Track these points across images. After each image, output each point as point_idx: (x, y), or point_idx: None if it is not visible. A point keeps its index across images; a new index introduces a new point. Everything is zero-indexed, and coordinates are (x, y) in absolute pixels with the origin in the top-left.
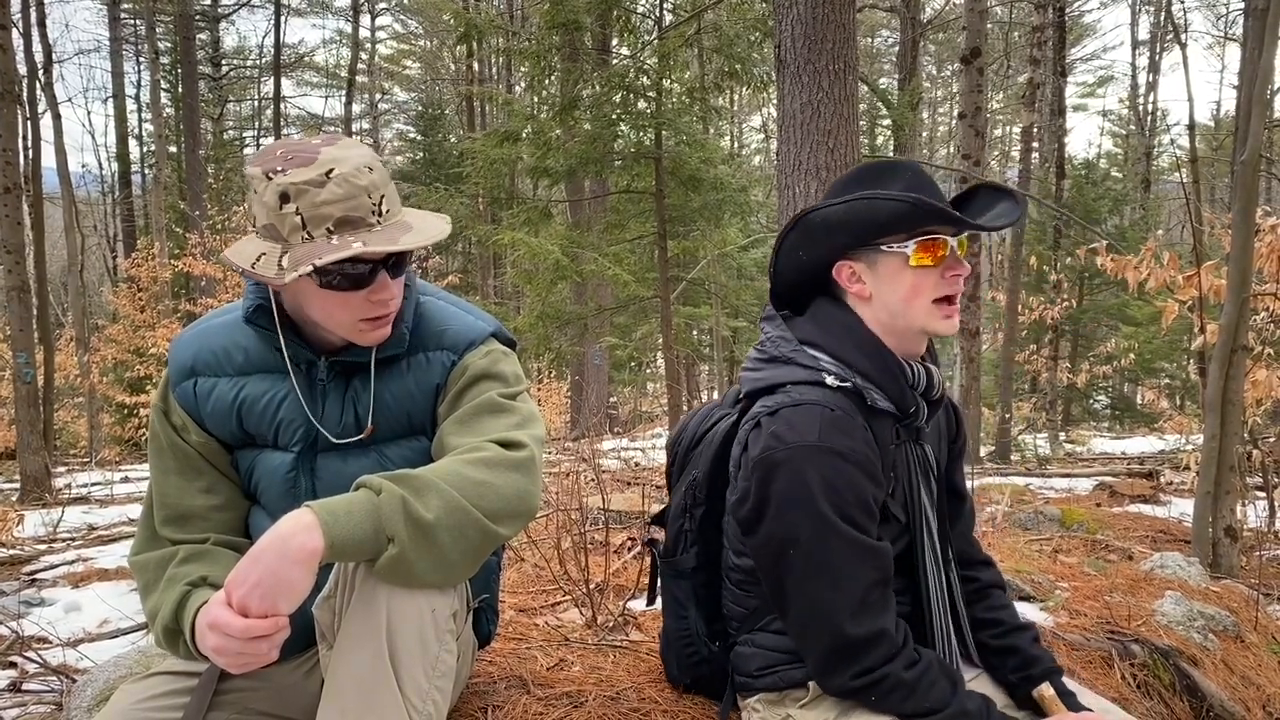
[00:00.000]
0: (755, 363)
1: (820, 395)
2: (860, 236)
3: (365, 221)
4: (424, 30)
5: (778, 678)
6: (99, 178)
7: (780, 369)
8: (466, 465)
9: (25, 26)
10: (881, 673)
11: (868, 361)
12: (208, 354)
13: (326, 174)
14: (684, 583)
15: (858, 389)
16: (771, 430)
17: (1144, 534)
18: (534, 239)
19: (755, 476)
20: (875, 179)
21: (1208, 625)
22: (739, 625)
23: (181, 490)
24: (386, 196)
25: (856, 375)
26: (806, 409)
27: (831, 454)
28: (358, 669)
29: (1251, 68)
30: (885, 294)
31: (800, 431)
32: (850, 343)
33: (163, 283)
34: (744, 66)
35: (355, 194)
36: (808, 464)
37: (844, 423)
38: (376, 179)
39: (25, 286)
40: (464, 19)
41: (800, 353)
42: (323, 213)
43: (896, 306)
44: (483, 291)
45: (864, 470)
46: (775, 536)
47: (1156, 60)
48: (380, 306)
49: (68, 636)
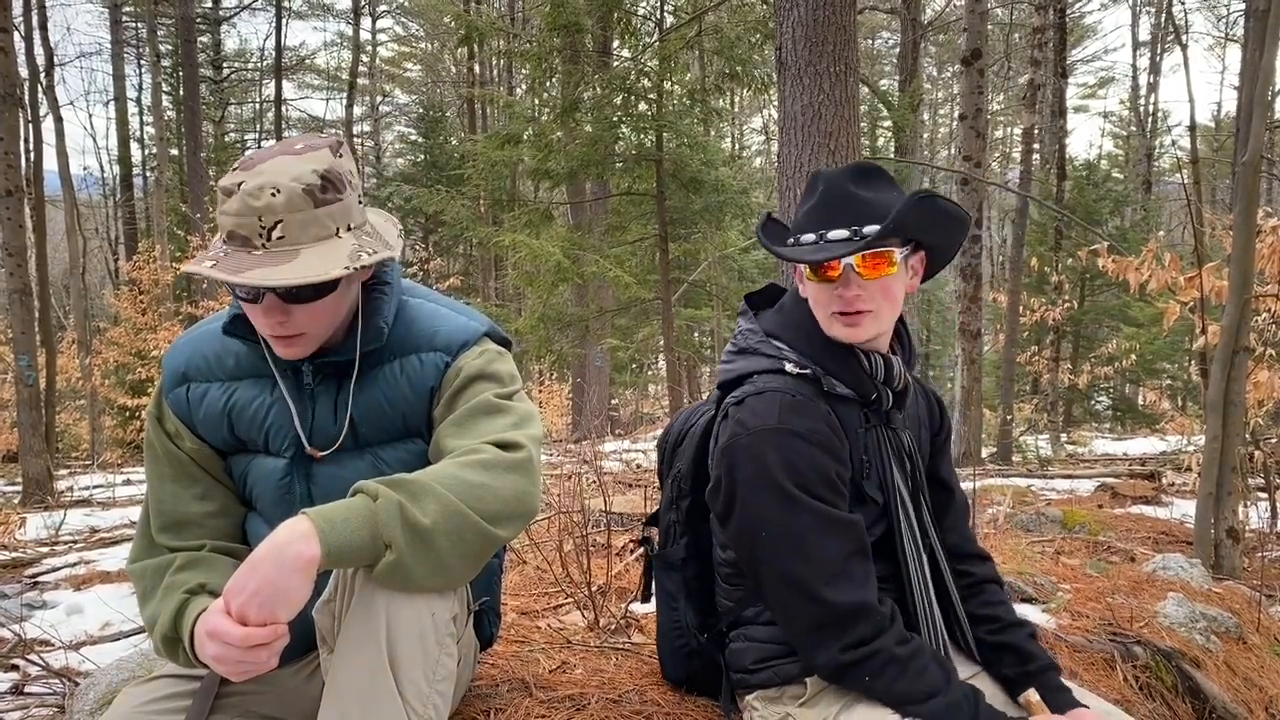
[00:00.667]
0: (728, 355)
1: (781, 382)
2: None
3: (250, 242)
4: (425, 33)
5: (773, 673)
6: (100, 180)
7: (748, 360)
8: (463, 468)
9: (27, 30)
10: (873, 647)
11: (822, 351)
12: (200, 360)
13: (238, 185)
14: (675, 575)
15: (815, 375)
16: (737, 418)
17: (1146, 535)
18: (535, 241)
19: (723, 464)
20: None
21: (1210, 627)
22: (731, 619)
23: (177, 497)
24: (285, 223)
25: (814, 364)
26: (768, 395)
27: (790, 435)
28: (357, 673)
29: (1252, 69)
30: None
31: (761, 416)
32: (803, 333)
33: (164, 285)
34: (745, 68)
35: (245, 213)
36: (768, 446)
37: (804, 405)
38: (277, 203)
39: (27, 289)
40: (465, 21)
41: (766, 344)
42: (222, 222)
43: (815, 312)
44: (484, 294)
45: (824, 449)
46: (746, 521)
47: (1157, 61)
48: (271, 327)
49: (70, 639)
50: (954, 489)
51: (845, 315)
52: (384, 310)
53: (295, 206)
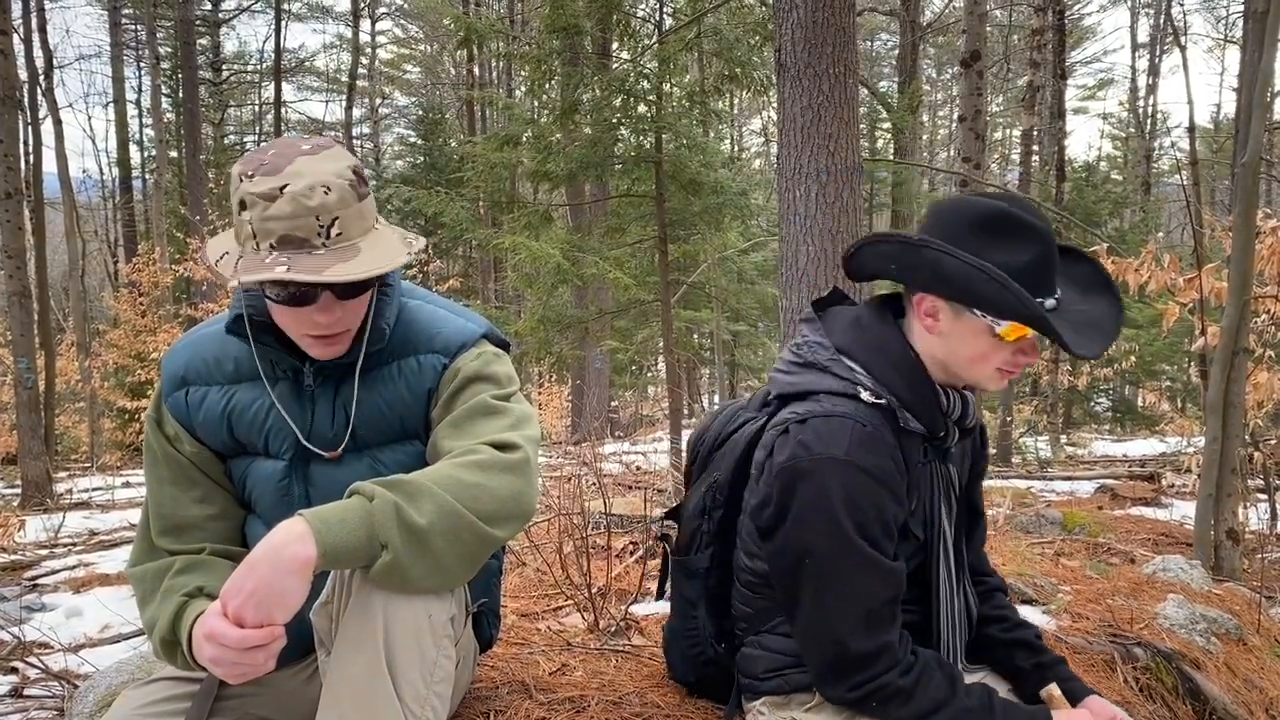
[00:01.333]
0: (789, 365)
1: (852, 408)
2: (963, 299)
3: (309, 243)
4: (424, 35)
5: (784, 681)
6: (100, 183)
7: (814, 375)
8: (460, 468)
9: (26, 32)
10: (879, 683)
11: (905, 384)
12: (199, 363)
13: (281, 189)
14: (695, 583)
15: (891, 407)
16: (799, 439)
17: (1146, 537)
18: (535, 243)
19: (778, 483)
20: (1007, 236)
21: (1210, 628)
22: (746, 626)
23: (177, 500)
24: (341, 219)
25: (891, 394)
26: (838, 421)
27: (858, 470)
28: (355, 675)
29: (1251, 71)
30: (955, 344)
31: (828, 443)
32: (888, 362)
33: (164, 287)
34: (744, 70)
35: (301, 214)
36: (832, 477)
37: (874, 439)
38: (331, 200)
39: (26, 291)
40: (464, 23)
41: (837, 362)
42: (268, 227)
43: (959, 359)
44: (483, 295)
45: (888, 489)
46: (792, 545)
47: (1156, 63)
48: (322, 326)
49: (69, 641)
50: (982, 514)
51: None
52: (386, 312)
53: (346, 202)
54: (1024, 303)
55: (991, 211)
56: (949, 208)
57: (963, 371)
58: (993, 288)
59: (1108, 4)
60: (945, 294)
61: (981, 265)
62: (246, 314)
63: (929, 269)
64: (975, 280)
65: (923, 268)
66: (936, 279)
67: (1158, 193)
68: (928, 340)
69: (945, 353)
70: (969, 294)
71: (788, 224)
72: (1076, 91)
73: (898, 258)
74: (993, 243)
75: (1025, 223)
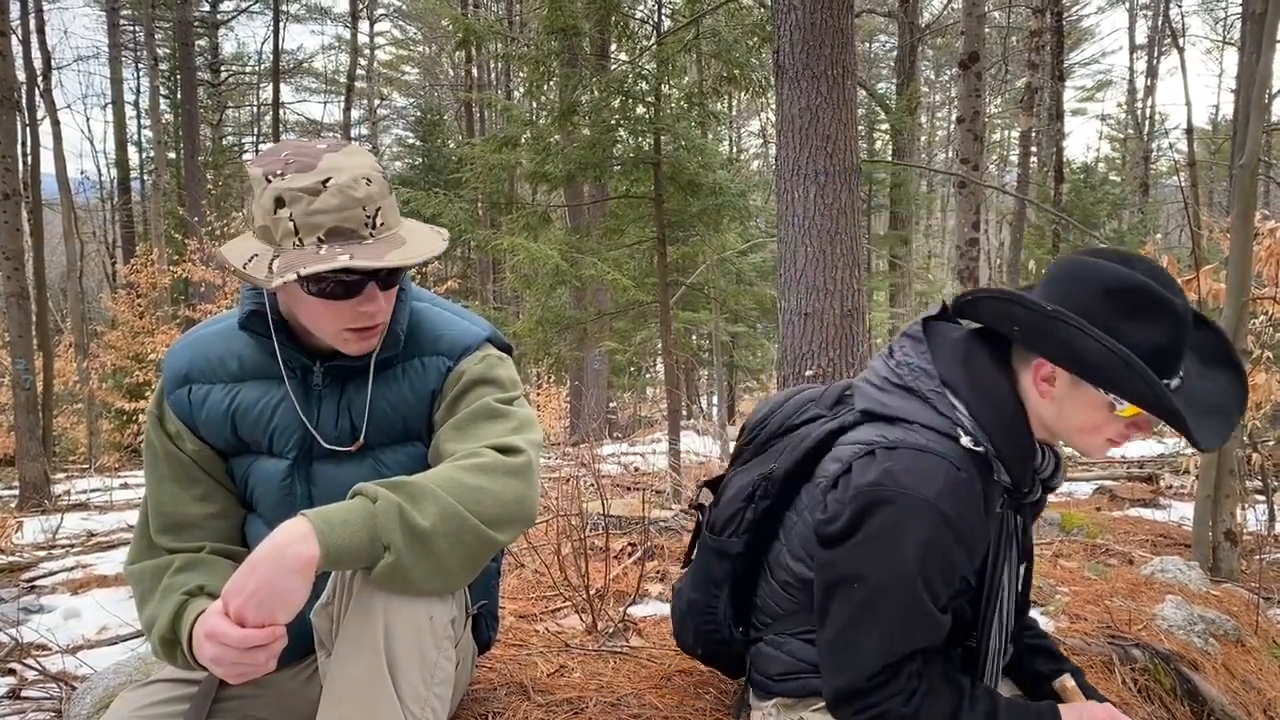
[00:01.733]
0: (884, 383)
1: (949, 449)
2: (1089, 377)
3: (357, 233)
4: (423, 36)
5: (800, 684)
6: (98, 184)
7: (912, 403)
8: (463, 471)
9: (24, 33)
10: (883, 709)
11: (1006, 437)
12: (202, 361)
13: (323, 182)
14: (725, 564)
15: (988, 457)
16: (887, 466)
17: (1144, 538)
18: (533, 244)
19: (855, 505)
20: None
21: (1208, 629)
22: (770, 623)
23: (177, 498)
24: (383, 209)
25: (990, 443)
26: (932, 459)
27: (943, 516)
28: (355, 676)
29: (1249, 72)
30: (1067, 411)
31: (919, 480)
32: (995, 410)
33: (162, 289)
34: (742, 71)
35: (349, 205)
36: (915, 516)
37: (965, 487)
38: (374, 191)
39: (24, 293)
40: (463, 25)
41: (940, 396)
42: (315, 221)
43: (1068, 427)
44: (482, 296)
45: (964, 543)
46: (850, 565)
47: (1154, 64)
48: (366, 318)
49: (67, 643)
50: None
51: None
52: (400, 315)
53: (384, 193)
54: (1159, 396)
55: (1128, 284)
56: (1079, 272)
57: (1069, 437)
58: (1128, 375)
59: (1106, 5)
60: (1072, 370)
61: (1119, 351)
62: (259, 312)
63: (1060, 344)
64: (1111, 365)
65: (1052, 340)
66: (1066, 355)
67: (1156, 194)
68: (1038, 400)
69: (1054, 417)
70: (1099, 377)
71: (786, 225)
72: (1075, 93)
73: (1024, 322)
74: (1127, 319)
75: (1162, 299)
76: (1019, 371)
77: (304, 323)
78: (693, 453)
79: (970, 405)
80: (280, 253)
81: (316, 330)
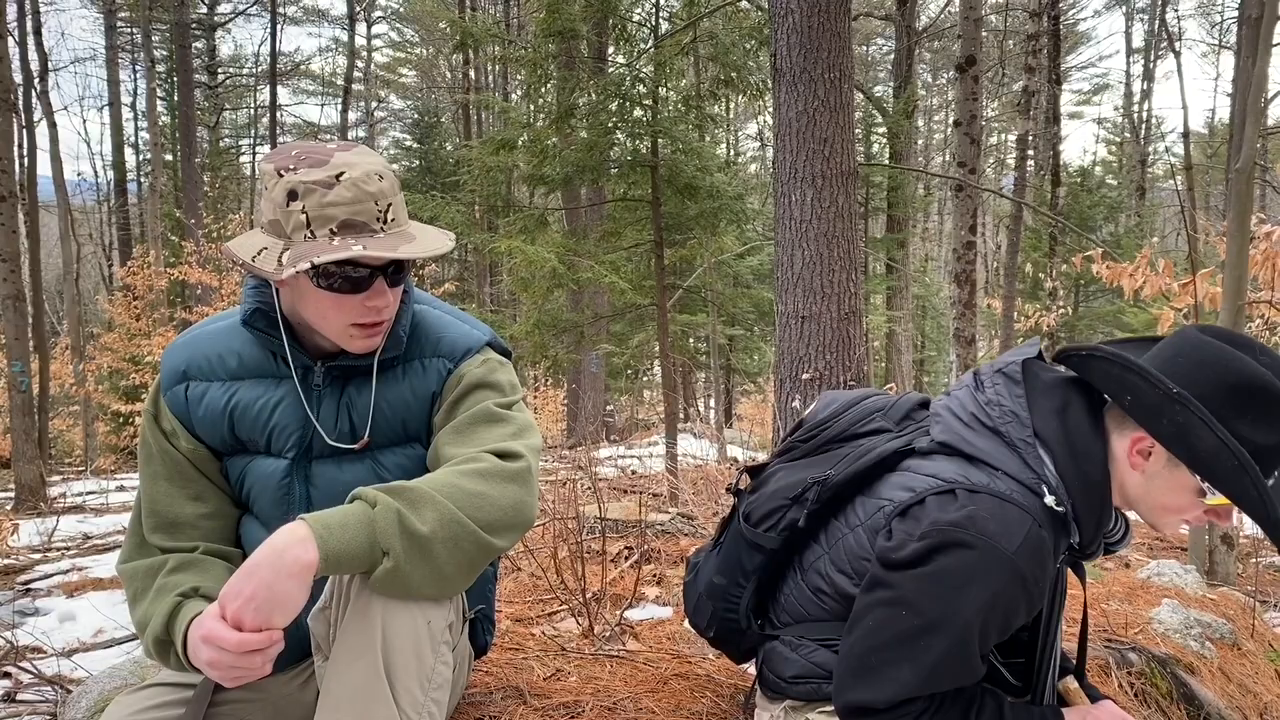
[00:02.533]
0: (971, 420)
1: (1034, 505)
2: (1196, 467)
3: (369, 227)
4: (420, 38)
5: (813, 689)
6: (95, 186)
7: (998, 448)
8: (462, 476)
9: (21, 35)
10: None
11: (1086, 501)
12: (201, 359)
13: (336, 176)
14: (757, 557)
15: (1066, 519)
16: (969, 510)
17: (1140, 542)
18: (530, 247)
19: (930, 540)
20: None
21: (1205, 633)
22: (791, 623)
23: (171, 497)
24: (394, 205)
25: (1070, 504)
26: (1016, 512)
27: (1017, 574)
28: (352, 681)
29: (1245, 76)
30: (1156, 489)
31: (1000, 532)
32: (1084, 476)
33: (158, 291)
34: (740, 74)
35: (362, 199)
36: (989, 567)
37: (1042, 547)
38: (385, 187)
39: (21, 295)
40: (460, 27)
41: (1029, 448)
42: (328, 213)
43: (1152, 504)
44: (479, 299)
45: (1029, 602)
46: (909, 592)
47: (1151, 68)
48: (374, 313)
49: (62, 646)
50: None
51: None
52: (403, 317)
53: (395, 191)
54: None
55: (1257, 383)
56: (1204, 355)
57: (1148, 513)
58: (1238, 476)
59: (1102, 9)
60: (1182, 457)
61: (1236, 450)
62: (262, 310)
63: (1174, 426)
64: (1223, 463)
65: (1167, 419)
66: (1179, 440)
67: (1152, 198)
68: (1126, 470)
69: (1140, 491)
70: (1206, 470)
71: (784, 228)
72: (1071, 96)
73: (1142, 397)
74: (1245, 416)
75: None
76: (1111, 434)
77: (309, 319)
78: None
79: (1059, 463)
80: (291, 245)
81: (322, 326)
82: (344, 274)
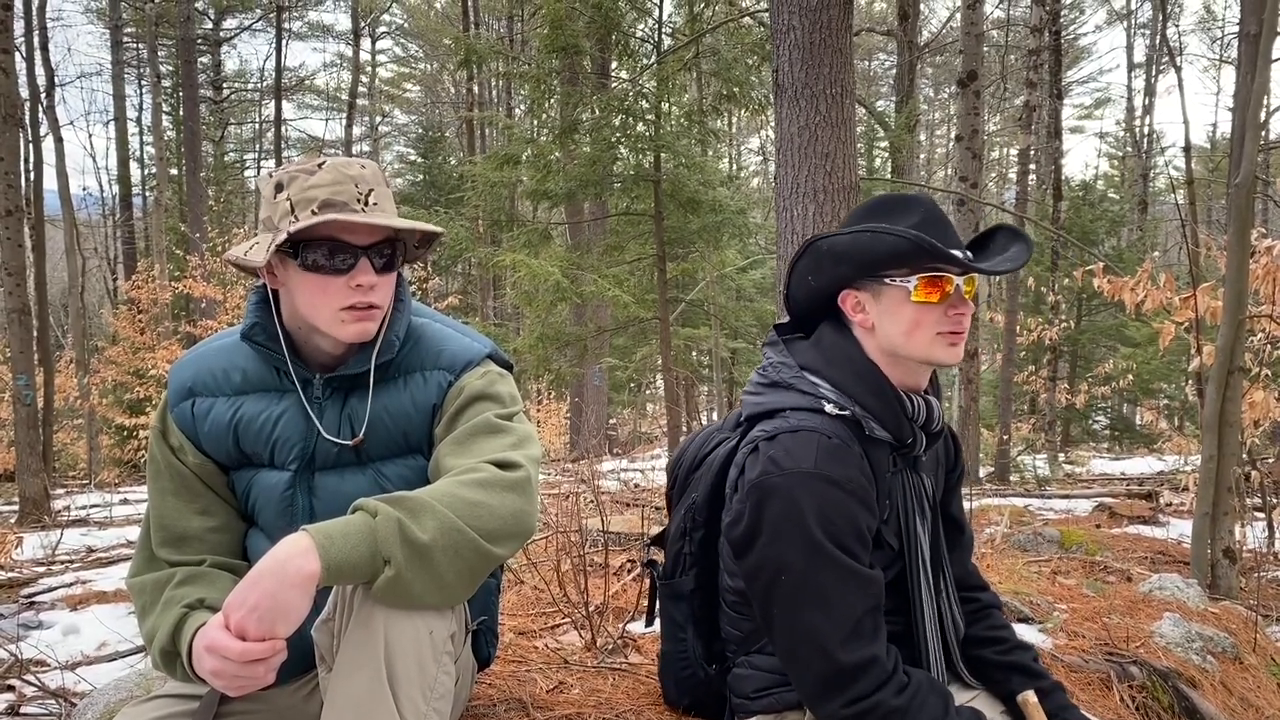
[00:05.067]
0: (756, 387)
1: (818, 422)
2: (863, 268)
3: (349, 205)
4: (424, 54)
5: (775, 699)
6: (100, 200)
7: (780, 394)
8: (462, 486)
9: (28, 50)
10: (873, 700)
11: (866, 392)
12: (206, 375)
13: (319, 165)
14: (682, 605)
15: (856, 417)
16: (769, 455)
17: (1143, 555)
18: (534, 261)
19: (750, 500)
20: (888, 212)
21: (1206, 647)
22: (736, 648)
23: (179, 512)
24: (376, 193)
25: (855, 404)
26: (804, 435)
27: (827, 482)
28: (356, 691)
29: (1245, 92)
30: (887, 326)
31: (796, 458)
32: (850, 371)
33: (163, 305)
34: (742, 90)
35: (342, 180)
36: (803, 491)
37: (841, 451)
38: (368, 174)
39: (26, 309)
40: (464, 44)
41: (801, 379)
42: (309, 195)
43: (897, 339)
44: (482, 313)
45: (859, 499)
46: (768, 561)
47: (1152, 83)
48: (360, 294)
49: (66, 659)
50: (964, 527)
51: (954, 335)
52: (397, 325)
53: (379, 181)
54: (898, 233)
55: (874, 199)
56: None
57: (908, 351)
58: (876, 239)
59: (1104, 24)
60: (849, 274)
61: (861, 228)
62: (261, 324)
63: (828, 258)
64: (861, 242)
65: (824, 261)
66: (835, 261)
67: (1154, 212)
68: (871, 339)
69: (885, 341)
70: (864, 259)
71: (786, 242)
72: (1073, 111)
73: (806, 270)
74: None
75: (905, 198)
76: (853, 329)
77: (304, 313)
78: None
79: (826, 376)
80: (278, 234)
81: (315, 316)
82: (328, 249)
